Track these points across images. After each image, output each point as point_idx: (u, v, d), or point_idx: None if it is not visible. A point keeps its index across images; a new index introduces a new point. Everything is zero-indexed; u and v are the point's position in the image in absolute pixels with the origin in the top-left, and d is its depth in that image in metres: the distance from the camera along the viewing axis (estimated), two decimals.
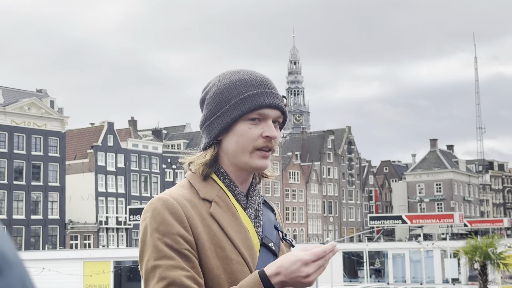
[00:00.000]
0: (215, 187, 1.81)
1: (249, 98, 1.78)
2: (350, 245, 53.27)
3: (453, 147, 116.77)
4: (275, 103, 1.80)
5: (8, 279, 0.72)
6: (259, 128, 1.79)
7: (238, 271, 1.71)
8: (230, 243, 1.73)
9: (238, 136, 1.79)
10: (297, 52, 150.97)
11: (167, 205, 1.70)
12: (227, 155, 1.82)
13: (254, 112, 1.78)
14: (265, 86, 1.81)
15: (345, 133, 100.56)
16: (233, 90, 1.80)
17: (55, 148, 61.13)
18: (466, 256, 28.23)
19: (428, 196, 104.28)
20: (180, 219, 1.69)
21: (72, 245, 61.39)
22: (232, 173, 1.84)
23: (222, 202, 1.79)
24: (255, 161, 1.80)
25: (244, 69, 1.86)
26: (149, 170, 70.07)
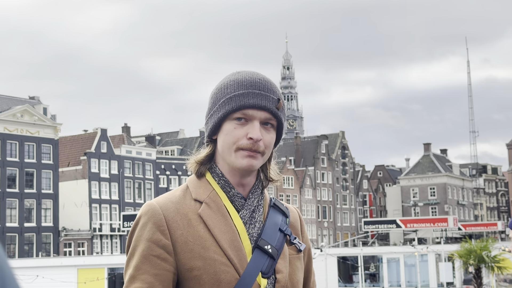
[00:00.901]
0: (208, 188, 1.82)
1: (234, 98, 1.78)
2: (345, 250, 53.26)
3: (446, 151, 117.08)
4: (261, 104, 1.77)
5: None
6: (245, 129, 1.78)
7: (221, 271, 1.70)
8: (216, 243, 1.73)
9: (224, 135, 1.80)
10: (290, 58, 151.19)
11: (148, 210, 1.76)
12: (219, 154, 1.84)
13: (238, 112, 1.77)
14: (254, 87, 1.79)
15: (339, 138, 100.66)
16: (224, 90, 1.81)
17: (48, 155, 60.97)
18: (460, 260, 28.26)
19: (422, 200, 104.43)
20: (158, 223, 1.73)
21: (66, 252, 61.16)
22: (227, 173, 1.83)
23: (213, 203, 1.79)
24: (239, 161, 1.78)
25: (248, 70, 1.85)
26: (142, 177, 69.94)
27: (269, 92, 1.80)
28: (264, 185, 1.91)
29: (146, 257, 1.71)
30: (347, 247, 63.33)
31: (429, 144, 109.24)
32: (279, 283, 1.81)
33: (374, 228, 59.69)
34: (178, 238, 1.72)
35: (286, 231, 1.87)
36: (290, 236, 1.88)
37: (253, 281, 1.74)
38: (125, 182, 67.92)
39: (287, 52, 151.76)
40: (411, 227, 57.97)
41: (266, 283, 1.78)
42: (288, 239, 1.88)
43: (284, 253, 1.84)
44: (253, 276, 1.74)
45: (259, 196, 1.86)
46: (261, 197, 1.87)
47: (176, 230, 1.73)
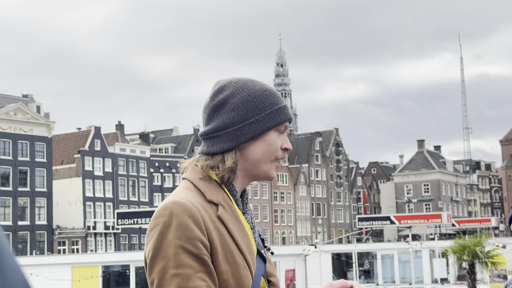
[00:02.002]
0: (220, 190, 1.79)
1: (281, 110, 1.85)
2: (339, 247, 53.35)
3: (440, 147, 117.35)
4: (292, 117, 1.90)
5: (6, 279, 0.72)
6: (280, 140, 1.85)
7: (244, 276, 1.70)
8: (237, 247, 1.72)
9: (267, 145, 1.82)
10: (284, 55, 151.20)
11: (185, 208, 1.66)
12: (246, 161, 1.82)
13: (283, 124, 1.85)
14: (282, 99, 1.90)
15: (333, 135, 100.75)
16: (266, 99, 1.83)
17: (41, 154, 60.82)
18: (454, 256, 28.34)
19: (416, 197, 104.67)
20: (198, 222, 1.65)
21: (60, 250, 61.05)
22: (239, 179, 1.84)
23: (227, 206, 1.77)
24: (273, 172, 1.86)
25: (256, 80, 1.90)
26: (136, 174, 69.86)
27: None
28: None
29: (197, 256, 1.62)
30: (341, 244, 63.43)
31: (422, 140, 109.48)
32: (274, 286, 1.85)
33: (368, 225, 59.78)
34: (212, 240, 1.68)
35: (261, 235, 1.91)
36: (263, 240, 1.91)
37: (259, 285, 1.76)
38: (119, 180, 67.83)
39: (280, 50, 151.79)
40: (405, 223, 58.06)
41: (266, 286, 1.82)
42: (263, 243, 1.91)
43: (268, 257, 1.88)
44: (259, 281, 1.76)
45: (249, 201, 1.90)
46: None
47: (211, 232, 1.68)
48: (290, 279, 31.46)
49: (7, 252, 0.74)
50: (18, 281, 0.74)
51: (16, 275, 0.74)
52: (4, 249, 0.74)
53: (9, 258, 0.74)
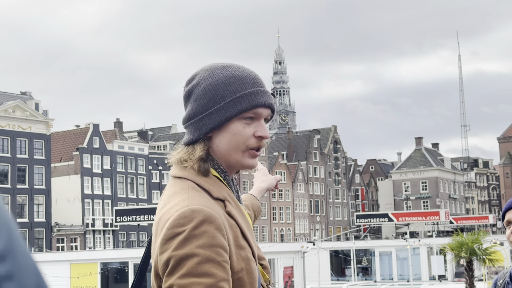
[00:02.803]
0: (222, 186, 1.77)
1: (245, 97, 1.75)
2: (337, 244, 53.43)
3: (438, 145, 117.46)
4: (269, 102, 1.78)
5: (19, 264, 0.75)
6: (252, 127, 1.76)
7: (254, 269, 1.69)
8: (246, 242, 1.71)
9: (232, 135, 1.75)
10: (282, 52, 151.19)
11: (205, 215, 1.60)
12: (219, 151, 1.78)
13: (250, 111, 1.75)
14: (258, 84, 1.79)
15: (331, 132, 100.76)
16: (228, 87, 1.75)
17: (40, 151, 60.81)
18: (452, 253, 28.39)
19: (414, 194, 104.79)
20: (219, 227, 1.60)
21: (58, 247, 61.07)
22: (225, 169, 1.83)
23: (232, 200, 1.76)
24: (247, 161, 1.78)
25: (233, 64, 1.82)
26: (135, 172, 69.87)
27: (266, 88, 1.82)
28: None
29: (220, 264, 1.57)
30: (340, 241, 63.53)
31: (420, 138, 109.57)
32: (266, 269, 1.87)
33: (366, 222, 59.84)
34: (229, 240, 1.64)
35: None
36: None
37: (259, 274, 1.77)
38: (117, 177, 67.84)
39: (279, 47, 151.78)
40: (403, 220, 58.16)
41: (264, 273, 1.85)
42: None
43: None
44: (257, 267, 1.77)
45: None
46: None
47: (228, 233, 1.64)
48: (288, 276, 31.51)
49: (18, 238, 0.76)
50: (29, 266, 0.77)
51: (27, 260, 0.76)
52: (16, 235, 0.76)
53: (20, 244, 0.76)
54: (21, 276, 0.74)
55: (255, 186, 2.34)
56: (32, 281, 0.76)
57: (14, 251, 0.75)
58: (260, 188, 2.32)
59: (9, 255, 0.74)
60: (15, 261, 0.74)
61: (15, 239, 0.76)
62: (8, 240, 0.74)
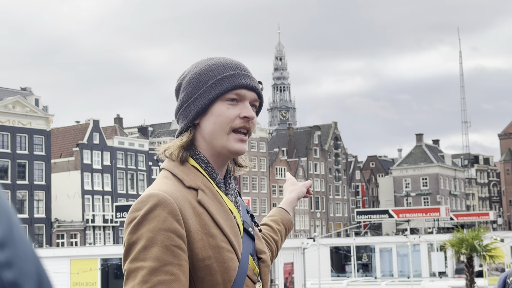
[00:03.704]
0: (198, 175, 1.78)
1: (226, 78, 1.78)
2: (337, 240, 53.42)
3: (438, 141, 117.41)
4: (252, 85, 1.80)
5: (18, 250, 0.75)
6: (237, 109, 1.78)
7: (228, 259, 1.69)
8: (220, 231, 1.71)
9: (215, 117, 1.77)
10: (283, 48, 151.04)
11: (159, 200, 1.63)
12: (205, 138, 1.80)
13: (231, 92, 1.77)
14: (241, 68, 1.82)
15: (332, 129, 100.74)
16: (210, 72, 1.79)
17: (40, 147, 60.78)
18: (452, 249, 28.37)
19: (414, 191, 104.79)
20: (173, 212, 1.63)
21: (58, 243, 61.10)
22: (210, 158, 1.82)
23: (208, 190, 1.76)
24: (233, 144, 1.78)
25: (219, 56, 1.86)
26: (135, 168, 69.86)
27: (252, 74, 1.85)
28: (233, 172, 1.92)
29: (168, 248, 1.59)
30: (340, 237, 63.52)
31: (421, 134, 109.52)
32: (265, 263, 1.84)
33: (367, 218, 59.86)
34: (190, 227, 1.67)
35: (250, 211, 1.92)
36: (253, 217, 1.92)
37: (247, 265, 1.76)
38: (117, 173, 67.83)
39: (279, 43, 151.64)
40: (404, 217, 58.15)
41: (255, 264, 1.81)
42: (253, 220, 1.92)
43: (257, 234, 1.88)
44: (247, 259, 1.76)
45: (233, 180, 1.89)
46: (234, 181, 1.89)
47: (188, 219, 1.67)
48: (289, 272, 31.48)
49: (18, 226, 0.76)
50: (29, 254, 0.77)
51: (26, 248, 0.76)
52: (15, 223, 0.76)
53: (20, 232, 0.76)
54: (21, 264, 0.75)
55: (284, 198, 2.33)
56: (31, 269, 0.76)
57: (14, 239, 0.75)
58: (290, 200, 2.28)
59: (8, 242, 0.74)
60: (14, 248, 0.75)
61: (15, 227, 0.76)
62: (8, 228, 0.75)
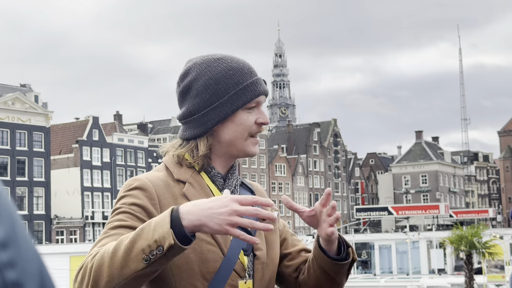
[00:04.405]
0: (190, 169, 1.83)
1: (248, 88, 1.80)
2: None
3: (438, 138, 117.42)
4: (266, 90, 1.86)
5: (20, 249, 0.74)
6: (253, 115, 1.82)
7: (207, 250, 1.73)
8: None
9: (237, 126, 1.80)
10: (282, 45, 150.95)
11: (139, 183, 1.75)
12: (221, 144, 1.83)
13: (253, 101, 1.81)
14: (254, 73, 1.85)
15: (331, 126, 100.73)
16: (229, 79, 1.80)
17: (39, 143, 60.76)
18: (451, 246, 28.40)
19: (414, 188, 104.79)
20: (150, 196, 1.73)
21: (58, 240, 61.12)
22: (219, 158, 1.86)
23: (196, 183, 1.81)
24: (251, 148, 1.84)
25: (226, 55, 1.86)
26: (135, 165, 69.86)
27: (260, 76, 1.87)
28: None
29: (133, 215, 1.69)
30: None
31: (421, 131, 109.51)
32: (259, 260, 1.84)
33: (366, 216, 59.93)
34: None
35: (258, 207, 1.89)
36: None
37: (236, 259, 1.77)
38: (117, 170, 67.83)
39: (279, 40, 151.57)
40: (403, 214, 58.24)
41: (246, 261, 1.81)
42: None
43: (259, 231, 1.86)
44: (235, 254, 1.77)
45: (236, 176, 1.90)
46: (237, 177, 1.91)
47: (165, 207, 1.72)
48: None
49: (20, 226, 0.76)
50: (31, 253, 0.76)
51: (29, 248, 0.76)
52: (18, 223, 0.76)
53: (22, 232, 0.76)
54: (23, 264, 0.74)
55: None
56: (34, 269, 0.76)
57: (16, 239, 0.75)
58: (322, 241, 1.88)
59: (11, 242, 0.74)
60: (17, 248, 0.74)
61: (17, 226, 0.76)
62: (11, 228, 0.74)
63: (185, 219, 1.52)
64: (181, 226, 1.51)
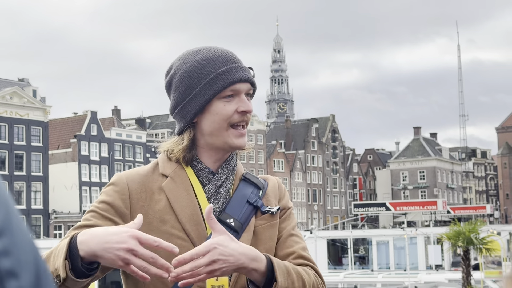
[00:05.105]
0: (176, 163, 1.83)
1: (219, 76, 1.77)
2: (335, 233, 53.52)
3: (436, 135, 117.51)
4: (245, 77, 1.80)
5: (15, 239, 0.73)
6: (233, 104, 1.79)
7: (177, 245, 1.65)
8: (175, 218, 1.75)
9: (214, 115, 1.78)
10: (281, 41, 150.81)
11: (115, 179, 1.81)
12: (204, 136, 1.82)
13: (227, 89, 1.77)
14: (231, 61, 1.81)
15: (329, 121, 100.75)
16: (201, 70, 1.79)
17: (38, 138, 60.71)
18: (449, 242, 28.45)
19: (411, 184, 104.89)
20: (121, 191, 1.78)
21: (56, 234, 61.12)
22: (208, 152, 1.84)
23: (178, 177, 1.81)
24: (233, 140, 1.80)
25: (206, 46, 1.85)
26: (133, 159, 69.84)
27: (242, 64, 1.83)
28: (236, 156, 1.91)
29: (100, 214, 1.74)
30: (337, 230, 63.63)
31: (419, 128, 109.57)
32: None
33: (364, 211, 60.01)
34: (138, 209, 1.75)
35: (255, 202, 1.84)
36: (260, 207, 1.84)
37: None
38: (115, 165, 67.81)
39: (277, 35, 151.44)
40: (401, 210, 58.31)
41: None
42: (260, 210, 1.84)
43: (249, 226, 1.82)
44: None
45: (230, 171, 1.85)
46: (232, 172, 1.86)
47: (137, 201, 1.76)
48: None
49: (15, 214, 0.77)
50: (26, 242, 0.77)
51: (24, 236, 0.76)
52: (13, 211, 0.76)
53: (17, 220, 0.76)
54: (18, 252, 0.74)
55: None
56: (29, 257, 0.75)
57: (11, 228, 0.74)
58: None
59: (6, 231, 0.73)
60: (12, 237, 0.74)
61: (12, 215, 0.76)
62: (5, 216, 0.74)
63: (81, 249, 1.50)
64: (78, 256, 1.49)
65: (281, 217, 1.89)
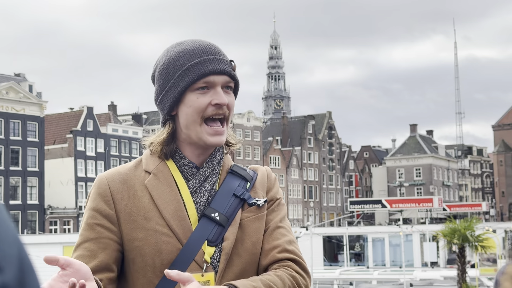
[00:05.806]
0: (159, 159, 1.82)
1: (191, 68, 1.75)
2: (330, 229, 53.56)
3: (432, 132, 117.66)
4: (220, 69, 1.76)
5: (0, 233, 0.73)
6: (208, 96, 1.76)
7: (162, 242, 1.71)
8: (159, 214, 1.74)
9: (187, 108, 1.76)
10: (278, 37, 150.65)
11: (96, 181, 1.81)
12: (182, 128, 1.80)
13: (199, 81, 1.75)
14: (208, 53, 1.77)
15: (326, 118, 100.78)
16: (177, 62, 1.77)
17: (33, 133, 60.59)
18: (444, 239, 28.46)
19: (407, 181, 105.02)
20: (102, 193, 1.77)
21: (51, 230, 61.05)
22: (190, 146, 1.81)
23: (161, 173, 1.80)
24: (207, 138, 1.77)
25: (188, 39, 1.84)
26: (129, 155, 69.77)
27: (221, 56, 1.79)
28: (225, 151, 1.88)
29: (90, 225, 1.75)
30: (333, 227, 63.70)
31: (415, 125, 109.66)
32: (224, 251, 1.76)
33: (360, 208, 60.06)
34: (122, 208, 1.75)
35: (242, 195, 1.82)
36: (247, 200, 1.81)
37: (197, 250, 1.72)
38: (111, 160, 67.74)
39: (274, 32, 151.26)
40: (397, 207, 58.38)
41: (213, 251, 1.75)
42: (247, 203, 1.82)
43: (235, 219, 1.79)
44: (197, 245, 1.73)
45: (215, 165, 1.83)
46: (217, 166, 1.83)
47: (120, 201, 1.76)
48: None
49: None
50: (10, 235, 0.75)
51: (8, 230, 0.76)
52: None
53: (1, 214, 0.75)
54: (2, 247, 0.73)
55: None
56: (13, 252, 0.74)
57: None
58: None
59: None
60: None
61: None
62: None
63: None
64: None
65: (269, 208, 1.85)
